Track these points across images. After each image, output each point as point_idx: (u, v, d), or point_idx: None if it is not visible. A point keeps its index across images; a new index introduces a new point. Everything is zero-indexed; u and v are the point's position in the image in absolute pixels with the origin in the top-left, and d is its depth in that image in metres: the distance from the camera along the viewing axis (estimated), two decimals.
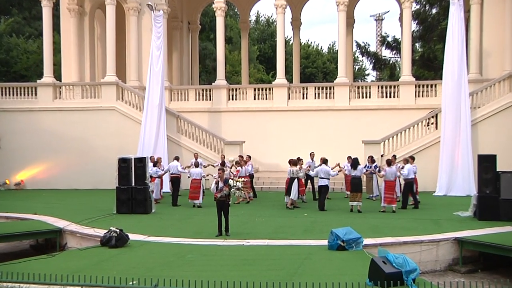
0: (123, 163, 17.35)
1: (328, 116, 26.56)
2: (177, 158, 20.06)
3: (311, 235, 13.08)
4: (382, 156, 21.90)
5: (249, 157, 21.18)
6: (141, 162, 17.45)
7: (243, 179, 13.65)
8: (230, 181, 12.81)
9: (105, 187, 23.85)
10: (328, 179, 17.20)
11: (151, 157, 20.27)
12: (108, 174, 22.92)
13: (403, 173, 17.40)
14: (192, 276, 9.05)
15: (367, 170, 18.64)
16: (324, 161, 17.59)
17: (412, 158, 18.32)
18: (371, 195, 19.64)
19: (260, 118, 27.13)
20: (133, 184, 17.31)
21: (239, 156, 21.68)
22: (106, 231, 12.38)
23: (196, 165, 19.41)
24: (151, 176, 19.03)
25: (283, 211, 17.29)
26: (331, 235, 11.44)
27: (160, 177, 19.57)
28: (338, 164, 18.85)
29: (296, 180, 17.37)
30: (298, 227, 14.39)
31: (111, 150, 24.25)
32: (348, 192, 18.59)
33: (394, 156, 19.42)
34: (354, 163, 17.53)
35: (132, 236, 12.64)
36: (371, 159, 19.33)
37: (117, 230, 12.03)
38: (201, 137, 25.30)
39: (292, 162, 17.74)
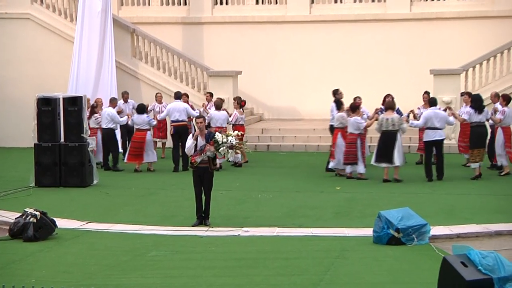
0: (45, 105, 17.24)
1: (375, 31, 26.16)
2: (179, 96, 19.98)
3: (346, 221, 13.07)
4: (462, 94, 21.74)
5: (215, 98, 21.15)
6: (74, 104, 17.33)
7: (237, 132, 13.50)
8: (217, 136, 12.67)
9: (16, 144, 23.76)
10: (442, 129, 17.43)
11: (123, 95, 20.32)
12: (21, 124, 22.81)
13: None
14: (159, 284, 9.08)
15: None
16: (433, 102, 17.59)
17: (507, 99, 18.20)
18: None
19: (266, 35, 26.77)
20: (61, 140, 17.29)
21: (211, 96, 21.47)
22: (19, 214, 12.35)
23: (219, 106, 19.46)
24: (138, 130, 19.04)
25: (302, 183, 17.29)
26: (379, 220, 11.44)
27: (154, 127, 19.78)
28: (412, 111, 18.68)
29: (399, 136, 17.12)
30: (326, 207, 14.36)
31: (25, 86, 24.08)
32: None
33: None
34: (478, 102, 17.37)
35: (60, 223, 12.64)
36: (391, 101, 18.51)
37: (37, 214, 11.98)
38: (171, 65, 25.09)
39: (389, 106, 17.43)
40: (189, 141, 12.88)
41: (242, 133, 15.64)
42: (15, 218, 12.31)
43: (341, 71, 25.83)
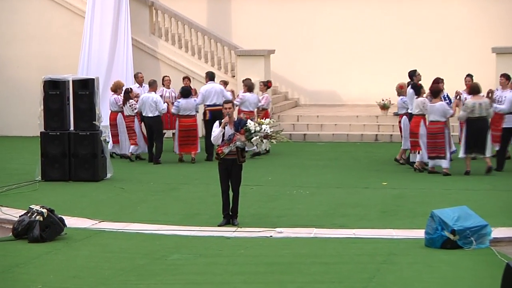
0: (53, 89, 17.36)
1: (429, 5, 26.03)
2: (213, 77, 20.20)
3: (394, 221, 13.05)
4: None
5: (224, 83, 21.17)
6: (85, 87, 17.45)
7: (268, 119, 13.47)
8: (250, 124, 12.65)
9: (20, 133, 24.06)
10: None
11: (136, 76, 20.82)
12: (26, 110, 23.03)
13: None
14: None
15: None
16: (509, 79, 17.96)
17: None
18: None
19: (302, 9, 26.75)
20: (71, 128, 17.44)
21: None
22: (24, 212, 12.45)
23: (251, 87, 19.88)
24: (186, 116, 19.18)
25: (343, 178, 17.29)
26: (432, 220, 11.38)
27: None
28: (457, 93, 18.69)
29: (488, 123, 17.27)
30: (370, 205, 14.35)
31: (30, 67, 24.30)
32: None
33: None
34: None
35: (70, 222, 12.72)
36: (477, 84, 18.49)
37: (44, 211, 12.06)
38: (195, 43, 25.19)
39: (475, 89, 17.46)
40: (216, 130, 12.89)
41: (274, 120, 15.63)
42: (20, 216, 12.42)
43: (387, 50, 25.75)
